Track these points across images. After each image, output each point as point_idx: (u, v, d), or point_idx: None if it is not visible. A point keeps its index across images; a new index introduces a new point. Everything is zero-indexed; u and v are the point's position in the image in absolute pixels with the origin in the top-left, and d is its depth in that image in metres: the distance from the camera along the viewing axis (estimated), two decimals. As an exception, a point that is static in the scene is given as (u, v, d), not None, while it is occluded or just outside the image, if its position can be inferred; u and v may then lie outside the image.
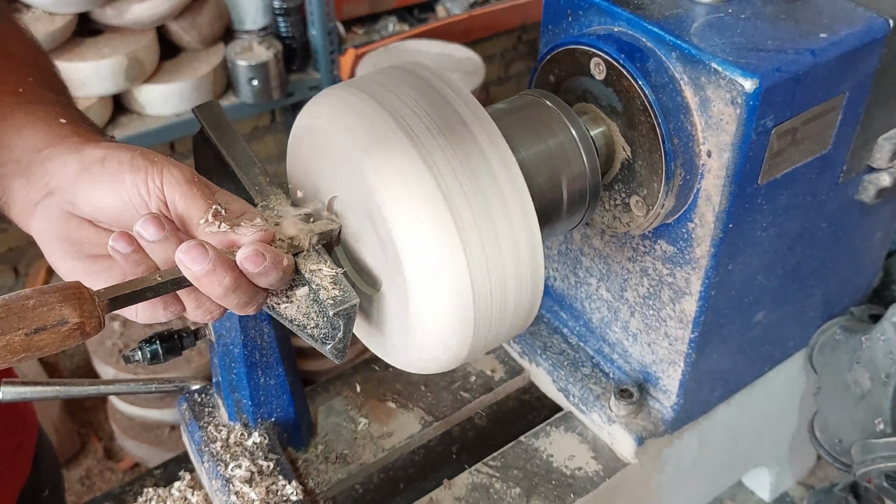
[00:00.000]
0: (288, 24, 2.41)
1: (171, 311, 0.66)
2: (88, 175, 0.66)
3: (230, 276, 0.62)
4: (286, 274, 0.65)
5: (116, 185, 0.65)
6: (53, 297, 0.56)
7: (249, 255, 0.62)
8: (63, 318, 0.56)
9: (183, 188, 0.65)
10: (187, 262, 0.61)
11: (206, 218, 0.65)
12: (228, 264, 0.62)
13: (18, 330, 0.54)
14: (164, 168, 0.65)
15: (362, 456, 1.00)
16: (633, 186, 0.83)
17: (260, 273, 0.63)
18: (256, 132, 2.73)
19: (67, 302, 0.56)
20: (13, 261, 2.55)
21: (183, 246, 0.61)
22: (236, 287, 0.63)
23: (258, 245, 0.63)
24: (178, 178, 0.65)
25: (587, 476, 0.98)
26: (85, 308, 0.57)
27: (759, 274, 0.92)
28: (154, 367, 1.69)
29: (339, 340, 0.66)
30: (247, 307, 0.66)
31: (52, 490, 1.13)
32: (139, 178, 0.65)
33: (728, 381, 1.04)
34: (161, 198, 0.65)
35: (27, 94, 0.73)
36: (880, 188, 0.96)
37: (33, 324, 0.55)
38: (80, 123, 0.73)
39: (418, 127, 0.67)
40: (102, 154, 0.66)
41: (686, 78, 0.78)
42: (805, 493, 1.35)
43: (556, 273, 1.08)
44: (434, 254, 0.65)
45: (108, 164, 0.66)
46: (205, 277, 0.61)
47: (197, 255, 0.61)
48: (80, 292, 0.57)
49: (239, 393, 0.94)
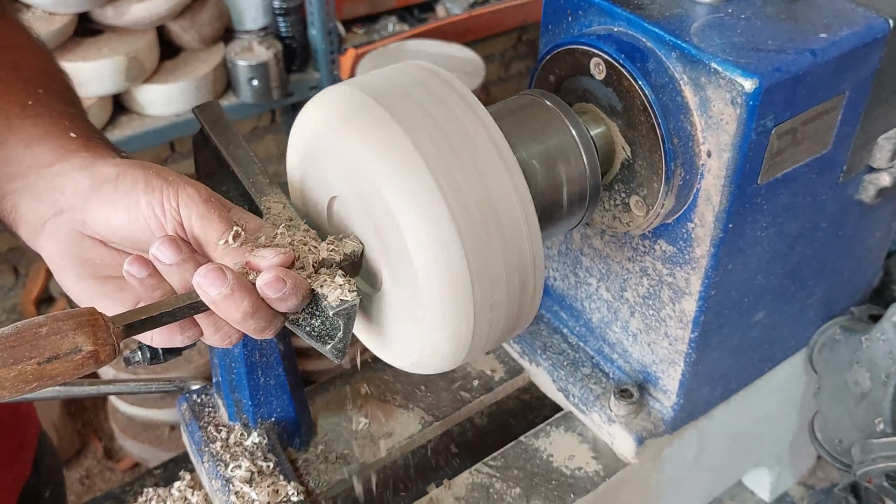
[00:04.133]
0: (288, 24, 2.41)
1: (188, 335, 0.65)
2: (100, 194, 0.64)
3: (249, 301, 0.60)
4: (305, 299, 0.64)
5: (130, 206, 0.63)
6: (67, 324, 0.55)
7: (270, 280, 0.60)
8: (77, 347, 0.54)
9: (200, 209, 0.63)
10: (206, 286, 0.59)
11: (227, 239, 0.63)
12: (247, 288, 0.60)
13: (31, 359, 0.53)
14: (179, 188, 0.63)
15: (362, 456, 1.00)
16: (633, 186, 0.83)
17: (280, 298, 0.61)
18: (256, 132, 2.73)
19: (81, 329, 0.55)
20: (13, 261, 2.55)
21: (201, 269, 0.60)
22: (255, 312, 0.61)
23: (279, 270, 0.61)
24: (194, 197, 0.63)
25: (587, 476, 0.98)
26: (99, 335, 0.56)
27: (759, 274, 0.92)
28: (154, 367, 1.69)
29: (339, 340, 0.66)
30: (265, 332, 0.64)
31: (53, 490, 1.13)
32: (154, 198, 0.63)
33: (728, 380, 1.04)
34: (177, 219, 0.63)
35: (36, 107, 0.72)
36: (880, 188, 0.96)
37: (46, 353, 0.54)
38: (91, 137, 0.71)
39: (423, 127, 0.66)
40: (115, 172, 0.65)
41: (686, 78, 0.78)
42: (805, 493, 1.35)
43: (556, 273, 1.08)
44: (439, 252, 0.65)
45: (121, 184, 0.64)
46: (223, 302, 0.60)
47: (216, 279, 0.59)
48: (94, 319, 0.56)
49: (239, 393, 0.94)
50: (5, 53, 0.77)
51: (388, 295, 0.72)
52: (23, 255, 2.51)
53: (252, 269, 0.63)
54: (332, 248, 0.67)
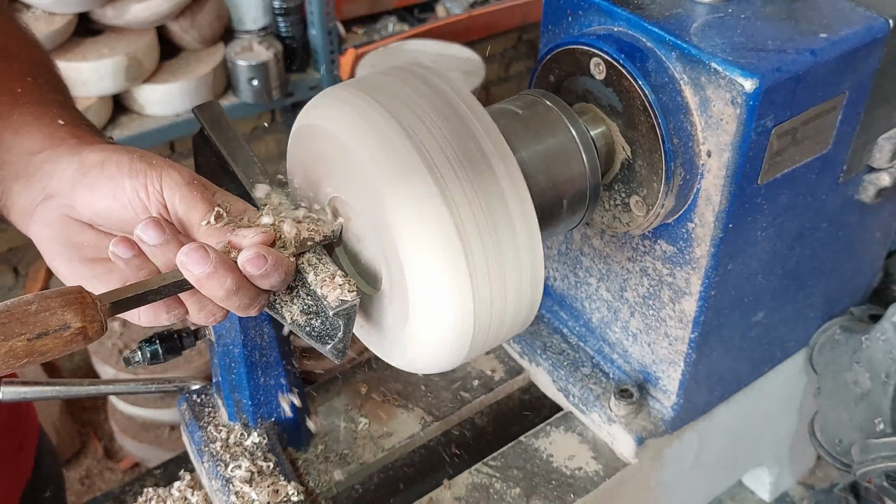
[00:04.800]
0: (288, 24, 2.41)
1: (174, 314, 0.66)
2: (87, 179, 0.65)
3: (232, 279, 0.62)
4: (288, 275, 0.65)
5: (115, 190, 0.65)
6: (55, 301, 0.56)
7: (251, 257, 0.62)
8: (65, 323, 0.56)
9: (182, 190, 0.65)
10: (189, 265, 0.61)
11: (209, 220, 0.64)
12: (230, 266, 0.62)
13: (21, 335, 0.54)
14: (163, 171, 0.65)
15: (362, 456, 1.00)
16: (633, 186, 0.83)
17: (262, 275, 0.63)
18: (256, 132, 2.73)
19: (69, 307, 0.56)
20: (13, 261, 2.55)
21: (184, 249, 0.61)
22: (238, 289, 0.63)
23: (260, 247, 0.63)
24: (177, 180, 0.65)
25: (587, 476, 0.98)
26: (87, 312, 0.57)
27: (759, 274, 0.92)
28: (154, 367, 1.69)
29: (339, 340, 0.66)
30: (249, 309, 0.65)
31: (53, 490, 1.13)
32: (138, 181, 0.65)
33: (728, 381, 1.04)
34: (161, 201, 0.65)
35: (25, 94, 0.73)
36: (880, 188, 0.96)
37: (36, 329, 0.55)
38: (78, 124, 0.73)
39: (421, 131, 0.66)
40: (101, 157, 0.66)
41: (686, 78, 0.78)
42: (805, 493, 1.35)
43: (556, 273, 1.08)
44: (436, 259, 0.65)
45: (106, 168, 0.65)
46: (206, 280, 0.61)
47: (198, 258, 0.61)
48: (81, 297, 0.57)
49: (239, 393, 0.94)
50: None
51: (387, 295, 0.72)
52: (23, 255, 2.51)
53: (234, 247, 0.64)
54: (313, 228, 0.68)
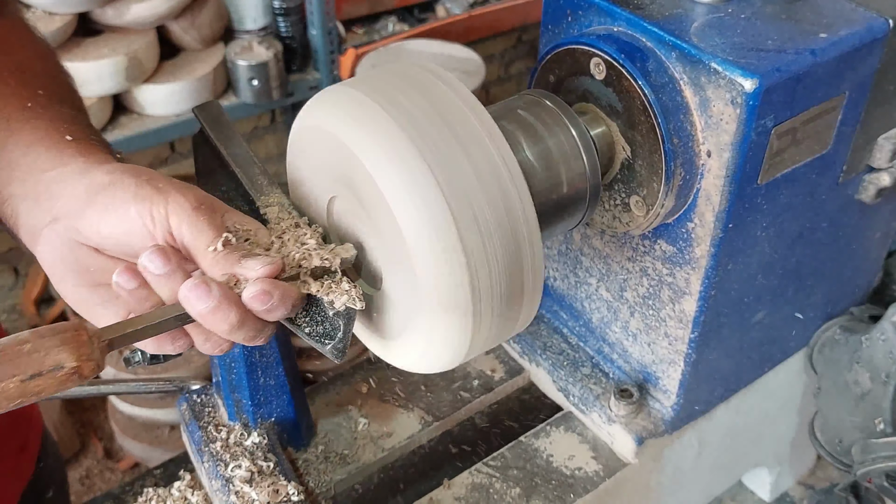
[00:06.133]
0: (288, 24, 2.41)
1: (179, 345, 0.65)
2: (94, 204, 0.64)
3: (236, 313, 0.60)
4: (296, 306, 0.63)
5: (121, 216, 0.63)
6: (51, 341, 0.55)
7: (256, 293, 0.60)
8: (59, 364, 0.55)
9: (189, 217, 0.62)
10: (191, 300, 0.59)
11: (216, 247, 0.62)
12: (234, 301, 0.60)
13: (14, 377, 0.53)
14: (169, 197, 0.63)
15: (362, 456, 1.00)
16: (633, 186, 0.83)
17: (267, 310, 0.61)
18: (256, 132, 2.73)
19: (65, 346, 0.55)
20: (13, 261, 2.56)
21: (187, 283, 0.59)
22: (242, 324, 0.61)
23: (265, 282, 0.61)
24: (183, 206, 0.62)
25: (587, 476, 0.98)
26: (83, 351, 0.56)
27: (759, 274, 0.92)
28: (154, 367, 1.69)
29: (339, 340, 0.66)
30: (255, 340, 0.64)
31: (55, 490, 1.13)
32: (144, 208, 0.62)
33: (728, 381, 1.04)
34: (167, 227, 0.63)
35: (36, 109, 0.71)
36: (880, 188, 0.96)
37: (29, 370, 0.54)
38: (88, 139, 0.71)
39: (423, 128, 0.66)
40: (108, 180, 0.64)
41: (686, 78, 0.78)
42: (805, 493, 1.35)
43: (556, 273, 1.08)
44: (439, 253, 0.65)
45: (112, 192, 0.64)
46: (210, 315, 0.60)
47: (201, 294, 0.59)
48: (78, 335, 0.56)
49: (239, 393, 0.94)
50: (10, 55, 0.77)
51: (388, 295, 0.72)
52: (23, 255, 2.51)
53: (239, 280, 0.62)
54: (325, 258, 0.67)
